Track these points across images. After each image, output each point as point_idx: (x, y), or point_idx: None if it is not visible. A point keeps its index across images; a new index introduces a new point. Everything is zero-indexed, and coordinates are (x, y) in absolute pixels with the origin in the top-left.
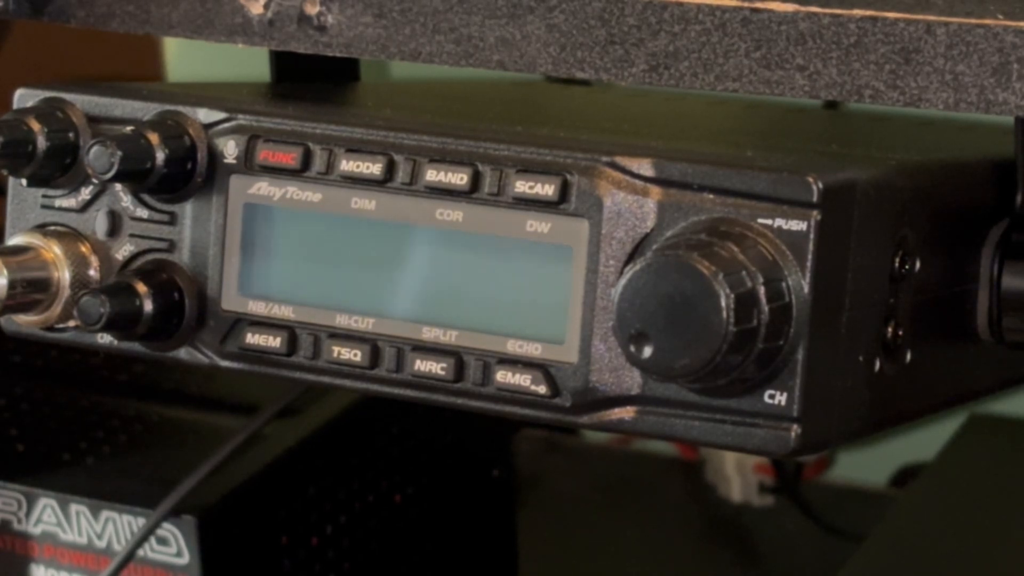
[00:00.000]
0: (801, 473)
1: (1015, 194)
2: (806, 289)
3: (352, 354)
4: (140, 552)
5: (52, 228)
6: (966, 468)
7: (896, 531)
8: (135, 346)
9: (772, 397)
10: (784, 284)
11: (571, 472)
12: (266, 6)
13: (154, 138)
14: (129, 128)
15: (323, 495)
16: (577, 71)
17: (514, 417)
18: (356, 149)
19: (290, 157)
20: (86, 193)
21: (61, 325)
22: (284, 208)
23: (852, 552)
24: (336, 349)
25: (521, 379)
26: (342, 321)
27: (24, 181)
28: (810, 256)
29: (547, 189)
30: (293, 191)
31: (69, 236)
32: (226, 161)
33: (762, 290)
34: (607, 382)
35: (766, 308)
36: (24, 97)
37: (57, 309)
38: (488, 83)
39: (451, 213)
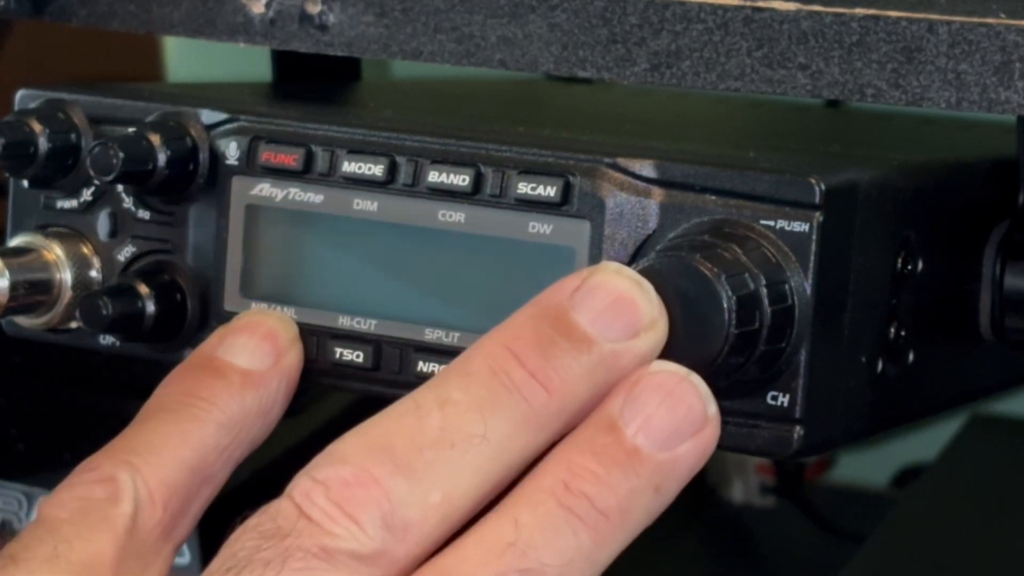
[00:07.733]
0: (802, 474)
1: (1017, 194)
2: (808, 290)
3: (354, 355)
4: None
5: (54, 229)
6: (967, 469)
7: (897, 532)
8: (137, 348)
9: (774, 398)
10: (787, 287)
11: None
12: (267, 5)
13: (156, 139)
14: (131, 129)
15: None
16: (579, 70)
17: None
18: (358, 150)
19: (292, 158)
20: (88, 194)
21: (63, 327)
22: (286, 209)
23: (853, 553)
24: (338, 350)
25: None
26: (344, 322)
27: (25, 182)
28: (812, 257)
29: (549, 190)
30: (295, 192)
31: (71, 237)
32: (228, 162)
33: (764, 292)
34: None
35: (768, 311)
36: (25, 98)
37: (59, 311)
38: (489, 82)
39: (453, 214)
